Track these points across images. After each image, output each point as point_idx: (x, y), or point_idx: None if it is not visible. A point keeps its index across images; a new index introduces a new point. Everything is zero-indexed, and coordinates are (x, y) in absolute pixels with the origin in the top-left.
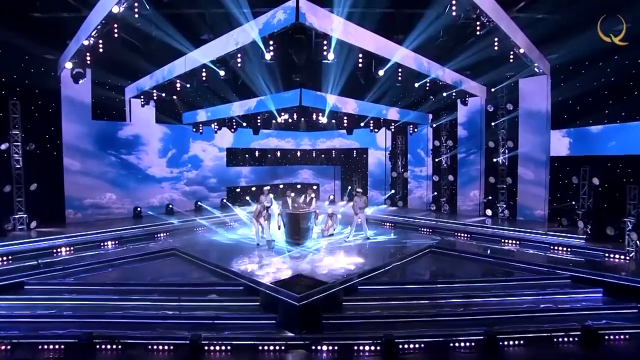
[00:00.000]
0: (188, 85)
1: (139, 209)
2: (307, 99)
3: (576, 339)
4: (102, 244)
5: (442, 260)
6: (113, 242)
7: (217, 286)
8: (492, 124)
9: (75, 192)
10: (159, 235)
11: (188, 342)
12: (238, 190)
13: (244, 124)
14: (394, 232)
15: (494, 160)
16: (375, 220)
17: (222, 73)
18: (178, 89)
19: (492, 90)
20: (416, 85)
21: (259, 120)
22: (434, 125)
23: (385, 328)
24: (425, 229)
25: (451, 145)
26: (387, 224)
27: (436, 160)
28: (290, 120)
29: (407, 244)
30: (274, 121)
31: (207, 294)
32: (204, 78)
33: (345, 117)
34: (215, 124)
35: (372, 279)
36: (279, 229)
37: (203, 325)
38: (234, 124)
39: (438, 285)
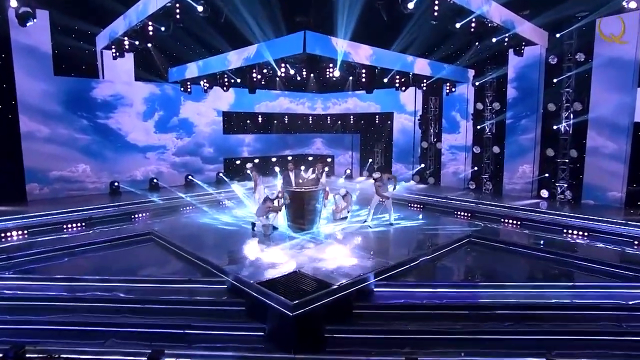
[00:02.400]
0: (163, 29)
1: (116, 183)
2: (313, 44)
3: None
4: (65, 226)
5: (484, 254)
6: (79, 225)
7: (196, 283)
8: (554, 80)
9: (38, 162)
10: (137, 215)
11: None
12: (238, 162)
13: (239, 81)
14: (423, 216)
15: (554, 127)
16: (399, 201)
17: (200, 9)
18: (151, 33)
19: (557, 35)
20: (457, 25)
21: (254, 76)
22: (477, 84)
23: (408, 346)
24: (462, 213)
25: (498, 109)
26: (415, 205)
27: (478, 127)
28: (298, 78)
29: (439, 232)
30: (277, 79)
31: (179, 293)
32: (178, 16)
33: (364, 71)
34: (205, 81)
35: (394, 279)
36: (280, 210)
37: (171, 335)
38: (226, 81)
39: (480, 291)
